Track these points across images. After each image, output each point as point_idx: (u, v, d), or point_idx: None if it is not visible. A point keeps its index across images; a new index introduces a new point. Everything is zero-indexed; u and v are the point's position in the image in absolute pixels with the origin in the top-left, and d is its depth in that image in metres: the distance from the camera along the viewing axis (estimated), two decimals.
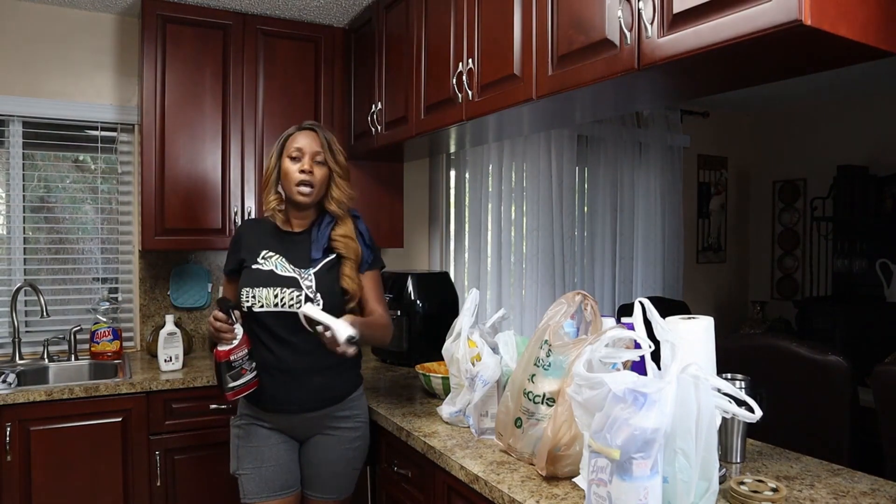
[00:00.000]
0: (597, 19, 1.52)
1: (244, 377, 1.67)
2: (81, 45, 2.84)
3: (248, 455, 1.77)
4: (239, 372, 1.66)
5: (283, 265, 1.74)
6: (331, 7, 2.79)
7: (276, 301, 1.69)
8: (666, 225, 4.27)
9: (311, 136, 1.77)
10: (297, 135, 1.78)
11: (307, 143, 1.75)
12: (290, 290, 1.69)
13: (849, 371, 2.01)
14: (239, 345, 1.65)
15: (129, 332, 2.96)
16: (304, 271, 1.74)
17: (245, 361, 1.67)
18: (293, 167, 1.73)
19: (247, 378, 1.67)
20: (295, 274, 1.73)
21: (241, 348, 1.66)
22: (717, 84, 1.67)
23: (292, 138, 1.77)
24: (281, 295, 1.69)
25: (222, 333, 1.63)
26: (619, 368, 1.30)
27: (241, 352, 1.66)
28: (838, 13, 1.13)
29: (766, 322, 4.37)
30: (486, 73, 1.95)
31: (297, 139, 1.76)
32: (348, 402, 1.80)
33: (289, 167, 1.74)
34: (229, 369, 1.64)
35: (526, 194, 3.67)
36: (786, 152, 4.69)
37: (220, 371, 1.64)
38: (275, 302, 1.69)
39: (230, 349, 1.64)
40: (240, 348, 1.66)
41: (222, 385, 1.66)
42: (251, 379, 1.69)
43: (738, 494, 1.20)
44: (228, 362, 1.64)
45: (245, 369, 1.66)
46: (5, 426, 2.15)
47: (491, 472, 1.43)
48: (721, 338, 1.45)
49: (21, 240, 2.80)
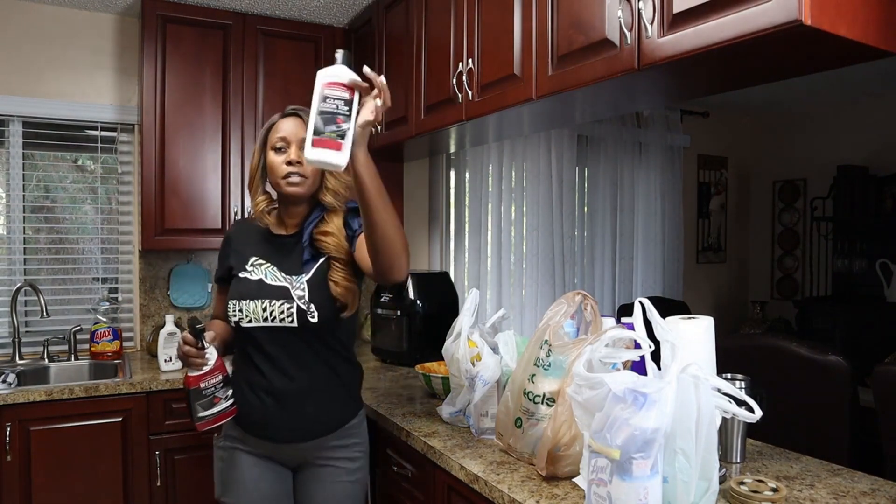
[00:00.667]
0: (597, 19, 1.52)
1: (217, 406, 1.49)
2: (81, 45, 2.84)
3: (232, 483, 1.61)
4: (211, 401, 1.48)
5: (274, 273, 1.55)
6: (331, 7, 2.79)
7: (264, 315, 1.50)
8: (666, 225, 4.27)
9: (296, 122, 1.54)
10: (279, 123, 1.56)
11: (292, 131, 1.52)
12: (279, 303, 1.49)
13: (849, 371, 2.01)
14: (211, 370, 1.47)
15: (129, 332, 2.96)
16: (295, 279, 1.52)
17: (218, 388, 1.49)
18: (278, 159, 1.52)
19: (220, 407, 1.49)
20: (286, 283, 1.52)
21: (214, 374, 1.48)
22: (718, 84, 1.67)
23: (275, 127, 1.56)
24: (270, 308, 1.50)
25: (191, 359, 1.44)
26: (619, 368, 1.30)
27: (214, 378, 1.48)
28: (838, 13, 1.13)
29: (766, 322, 4.37)
30: (486, 73, 1.95)
31: (281, 127, 1.54)
32: (346, 430, 1.59)
33: (273, 160, 1.53)
34: (199, 397, 1.47)
35: (526, 194, 3.67)
36: (786, 152, 4.69)
37: (190, 399, 1.47)
38: (263, 316, 1.50)
39: (200, 375, 1.46)
40: (212, 374, 1.48)
41: (192, 414, 1.48)
42: (226, 408, 1.50)
43: (738, 494, 1.20)
44: (198, 390, 1.46)
45: (218, 397, 1.48)
46: (5, 426, 2.15)
47: (491, 472, 1.43)
48: (721, 338, 1.45)
49: (21, 240, 2.80)
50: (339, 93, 1.22)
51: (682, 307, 3.88)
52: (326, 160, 1.21)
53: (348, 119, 1.22)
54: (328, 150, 1.20)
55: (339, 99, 1.22)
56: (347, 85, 1.23)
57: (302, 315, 1.49)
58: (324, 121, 1.21)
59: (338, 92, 1.22)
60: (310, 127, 1.21)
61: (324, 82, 1.23)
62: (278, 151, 1.53)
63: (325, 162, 1.21)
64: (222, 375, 1.50)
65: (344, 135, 1.21)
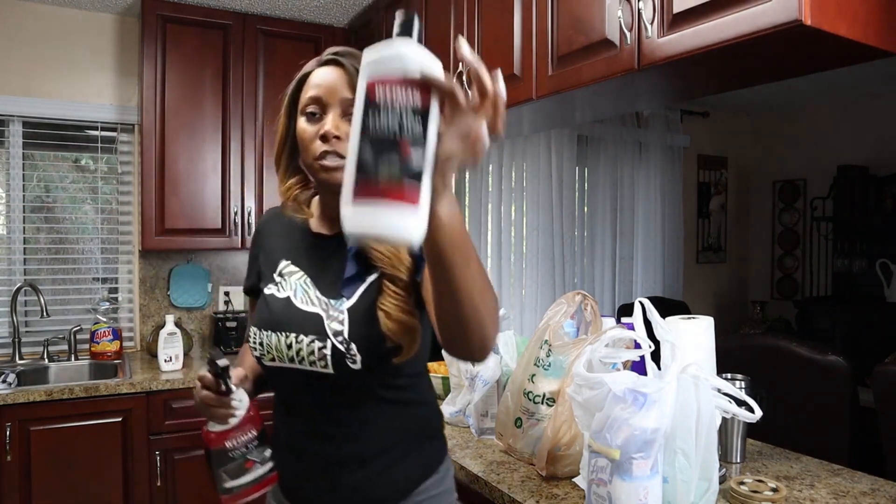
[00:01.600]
0: (597, 19, 1.52)
1: (250, 473, 1.02)
2: (81, 45, 2.84)
3: None
4: (241, 466, 1.02)
5: (306, 291, 1.07)
6: (331, 7, 2.79)
7: (289, 354, 1.04)
8: (666, 225, 4.27)
9: (336, 73, 1.03)
10: (314, 73, 1.05)
11: (331, 87, 1.02)
12: (309, 339, 1.02)
13: (849, 371, 2.01)
14: (240, 425, 1.02)
15: (129, 332, 2.96)
16: (333, 304, 1.04)
17: (252, 450, 1.03)
18: (310, 130, 1.02)
19: (254, 475, 1.02)
20: (319, 308, 1.04)
21: (245, 430, 1.03)
22: (718, 84, 1.67)
23: (307, 82, 1.05)
24: (297, 346, 1.03)
25: (212, 409, 1.00)
26: (619, 368, 1.30)
27: (244, 435, 1.02)
28: (838, 13, 1.13)
29: (766, 322, 4.37)
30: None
31: (314, 81, 1.04)
32: (421, 493, 1.08)
33: (304, 130, 1.03)
34: (224, 461, 1.02)
35: (526, 194, 3.67)
36: (786, 152, 4.68)
37: (211, 463, 1.03)
38: (289, 355, 1.04)
39: (225, 431, 1.01)
40: (242, 430, 1.02)
41: (216, 484, 1.03)
42: (262, 475, 1.03)
43: (738, 494, 1.20)
44: (222, 451, 1.02)
45: (251, 461, 1.02)
46: (5, 426, 2.14)
47: (491, 472, 1.43)
48: (721, 338, 1.45)
49: (21, 240, 2.80)
50: (402, 96, 0.62)
51: (682, 307, 3.88)
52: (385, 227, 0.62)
53: (422, 146, 0.62)
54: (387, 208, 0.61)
55: (404, 109, 0.62)
56: (418, 82, 0.63)
57: (339, 359, 1.00)
58: (375, 150, 0.62)
59: (400, 95, 0.62)
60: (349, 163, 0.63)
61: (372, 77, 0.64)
62: (310, 118, 1.03)
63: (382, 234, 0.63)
64: (255, 430, 1.04)
65: (417, 175, 0.62)
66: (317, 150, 1.01)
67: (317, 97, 1.02)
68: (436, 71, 0.63)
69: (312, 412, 1.07)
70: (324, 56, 1.06)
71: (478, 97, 0.65)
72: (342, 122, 1.01)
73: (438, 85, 0.63)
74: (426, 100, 0.63)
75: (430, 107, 0.63)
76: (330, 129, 0.99)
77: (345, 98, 1.01)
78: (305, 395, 1.06)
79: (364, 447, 1.05)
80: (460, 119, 0.65)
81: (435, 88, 0.63)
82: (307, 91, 1.04)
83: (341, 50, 1.06)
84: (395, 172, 0.61)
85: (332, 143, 1.00)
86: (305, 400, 1.07)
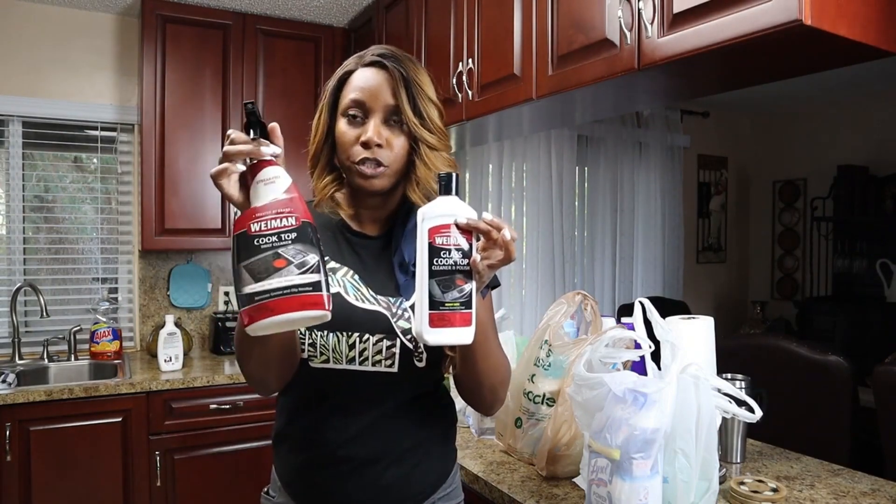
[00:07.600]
0: (597, 19, 1.52)
1: (279, 276, 0.77)
2: (81, 46, 2.84)
3: None
4: (269, 262, 0.78)
5: (359, 288, 1.05)
6: (331, 7, 2.79)
7: (350, 354, 1.01)
8: (666, 225, 4.27)
9: (380, 76, 1.02)
10: (356, 73, 1.04)
11: (375, 91, 1.01)
12: (376, 338, 1.01)
13: (849, 371, 2.01)
14: (275, 204, 0.80)
15: (129, 332, 2.96)
16: (393, 302, 1.04)
17: (288, 243, 0.79)
18: (350, 134, 1.01)
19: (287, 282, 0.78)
20: (381, 307, 1.03)
21: (281, 213, 0.80)
22: (718, 84, 1.67)
23: (349, 82, 1.04)
24: (362, 346, 1.01)
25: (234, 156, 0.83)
26: (619, 368, 1.30)
27: (280, 220, 0.79)
28: (838, 13, 1.13)
29: (766, 322, 4.37)
30: (486, 72, 1.95)
31: (356, 83, 1.03)
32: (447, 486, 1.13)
33: (344, 133, 1.02)
34: (249, 253, 0.78)
35: (526, 194, 3.67)
36: (786, 152, 4.68)
37: (236, 259, 0.80)
38: (349, 356, 1.01)
39: (253, 209, 0.80)
40: (276, 211, 0.80)
41: (237, 292, 0.80)
42: (299, 286, 0.78)
43: (738, 494, 1.20)
44: (247, 238, 0.79)
45: (284, 259, 0.78)
46: (5, 426, 2.14)
47: (491, 472, 1.43)
48: (721, 338, 1.45)
49: (21, 240, 2.80)
50: (454, 241, 0.85)
51: (682, 307, 3.88)
52: (453, 341, 0.87)
53: (469, 277, 0.86)
54: (454, 329, 0.86)
55: (457, 250, 0.85)
56: (464, 228, 0.86)
57: (407, 357, 1.02)
58: (442, 286, 0.85)
59: (453, 239, 0.85)
60: (422, 296, 0.85)
61: (432, 226, 0.86)
62: (352, 120, 1.02)
63: (451, 344, 0.90)
64: (296, 220, 0.80)
65: (469, 301, 0.86)
66: (356, 156, 1.01)
67: (360, 101, 1.02)
68: (475, 216, 0.88)
69: (361, 412, 1.04)
70: (367, 56, 1.05)
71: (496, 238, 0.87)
72: (384, 128, 1.01)
73: (476, 227, 0.87)
74: (469, 238, 0.87)
75: (472, 242, 0.88)
76: (372, 136, 1.00)
77: (388, 105, 1.01)
78: (357, 395, 1.04)
79: (403, 444, 1.07)
80: (491, 250, 0.88)
81: (474, 230, 0.87)
82: (349, 92, 1.03)
83: (385, 52, 1.05)
84: (457, 305, 0.86)
85: (373, 150, 1.00)
86: (352, 403, 1.04)
